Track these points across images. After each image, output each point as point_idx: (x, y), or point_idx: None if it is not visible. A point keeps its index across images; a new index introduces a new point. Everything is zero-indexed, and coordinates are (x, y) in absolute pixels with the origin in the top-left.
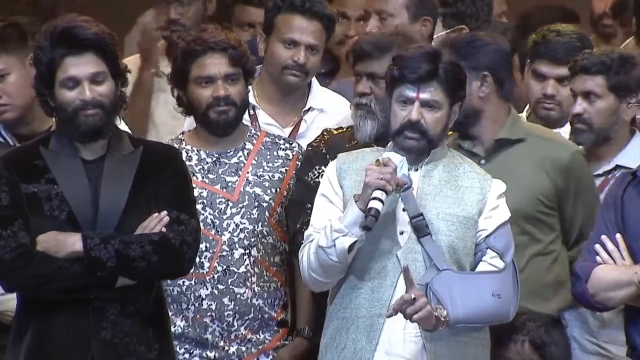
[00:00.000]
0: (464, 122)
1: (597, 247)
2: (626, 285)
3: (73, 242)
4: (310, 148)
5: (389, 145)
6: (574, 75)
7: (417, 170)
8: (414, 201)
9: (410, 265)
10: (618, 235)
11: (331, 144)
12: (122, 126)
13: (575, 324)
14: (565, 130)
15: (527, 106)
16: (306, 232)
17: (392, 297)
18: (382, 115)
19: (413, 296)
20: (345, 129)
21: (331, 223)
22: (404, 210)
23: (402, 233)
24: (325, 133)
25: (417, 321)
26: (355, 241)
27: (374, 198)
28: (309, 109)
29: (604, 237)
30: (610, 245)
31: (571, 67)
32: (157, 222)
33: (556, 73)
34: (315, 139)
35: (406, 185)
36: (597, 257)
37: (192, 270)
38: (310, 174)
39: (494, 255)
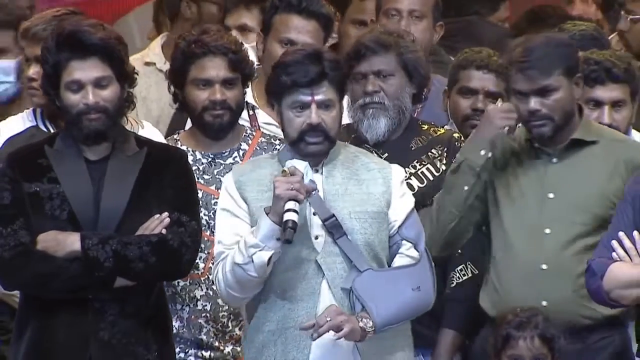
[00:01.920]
0: (562, 127)
1: (614, 243)
2: None
3: (72, 242)
4: None
5: (282, 151)
6: None
7: (317, 172)
8: (323, 204)
9: (332, 269)
10: (635, 233)
11: None
12: (150, 128)
13: None
14: None
15: None
16: (215, 250)
17: (317, 304)
18: (394, 112)
19: (328, 318)
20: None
21: (245, 239)
22: (314, 214)
23: (317, 237)
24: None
25: (342, 337)
26: (272, 254)
27: (288, 210)
28: None
29: (621, 234)
30: (627, 243)
31: None
32: (157, 223)
33: None
34: None
35: (315, 191)
36: (613, 254)
37: None
38: None
39: (409, 246)
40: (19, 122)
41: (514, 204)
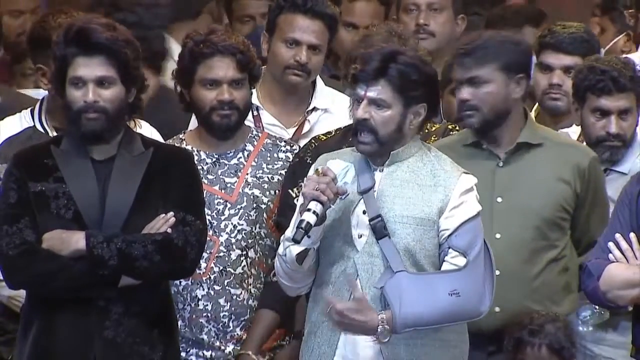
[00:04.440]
0: (495, 121)
1: (611, 245)
2: (639, 285)
3: (77, 240)
4: (297, 159)
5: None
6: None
7: (381, 171)
8: (374, 203)
9: (367, 270)
10: (632, 235)
11: (319, 153)
12: (147, 127)
13: None
14: (573, 130)
15: (535, 106)
16: (282, 237)
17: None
18: None
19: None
20: (334, 133)
21: (286, 231)
22: (364, 212)
23: (360, 236)
24: (313, 141)
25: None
26: (307, 250)
27: (308, 210)
28: (312, 109)
29: (618, 235)
30: (624, 244)
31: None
32: (163, 222)
33: (562, 63)
34: (303, 148)
35: (346, 194)
36: (610, 255)
37: None
38: (295, 189)
39: (455, 254)
40: (16, 123)
41: None
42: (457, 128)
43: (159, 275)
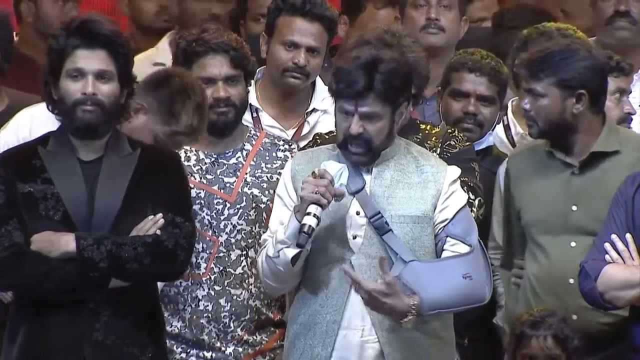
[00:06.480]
0: (554, 133)
1: (607, 246)
2: (637, 285)
3: (67, 242)
4: None
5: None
6: None
7: (369, 171)
8: (370, 201)
9: (365, 271)
10: (628, 235)
11: None
12: None
13: None
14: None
15: None
16: (262, 236)
17: (345, 304)
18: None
19: (381, 287)
20: (335, 133)
21: (277, 233)
22: (357, 213)
23: (355, 237)
24: (317, 137)
25: (369, 299)
26: (301, 252)
27: (308, 214)
28: (312, 111)
29: (614, 236)
30: (620, 245)
31: None
32: (152, 224)
33: None
34: (307, 144)
35: (343, 195)
36: (607, 256)
37: (188, 271)
38: None
39: (454, 242)
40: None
41: (538, 218)
42: (456, 132)
43: (149, 278)
